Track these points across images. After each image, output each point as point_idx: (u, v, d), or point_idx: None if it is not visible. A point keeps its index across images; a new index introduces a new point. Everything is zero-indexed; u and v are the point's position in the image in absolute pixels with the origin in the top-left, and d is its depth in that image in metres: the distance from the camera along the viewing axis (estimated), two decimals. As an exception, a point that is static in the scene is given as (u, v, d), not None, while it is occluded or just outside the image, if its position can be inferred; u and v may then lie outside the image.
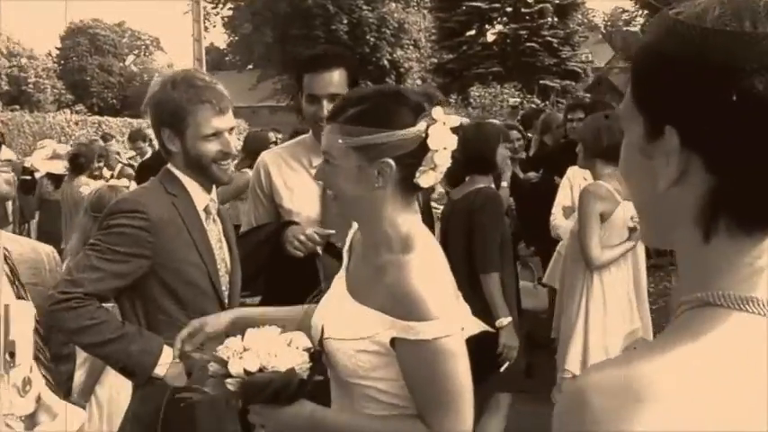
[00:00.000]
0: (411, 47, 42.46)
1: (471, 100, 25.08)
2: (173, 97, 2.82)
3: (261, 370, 1.94)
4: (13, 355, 1.32)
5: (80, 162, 8.39)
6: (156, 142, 11.25)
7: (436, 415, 1.96)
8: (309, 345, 2.03)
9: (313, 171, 3.44)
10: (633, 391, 0.83)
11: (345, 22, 38.50)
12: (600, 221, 4.29)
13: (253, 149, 7.02)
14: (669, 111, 0.94)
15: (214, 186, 3.00)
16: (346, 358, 2.00)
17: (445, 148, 2.00)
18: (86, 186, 7.24)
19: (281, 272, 3.29)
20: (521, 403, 4.63)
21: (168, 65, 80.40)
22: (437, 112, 2.00)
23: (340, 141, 2.00)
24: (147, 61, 77.46)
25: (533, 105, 19.93)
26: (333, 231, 3.23)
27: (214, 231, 2.98)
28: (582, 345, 4.38)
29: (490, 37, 40.63)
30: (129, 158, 11.61)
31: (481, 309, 4.34)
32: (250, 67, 51.06)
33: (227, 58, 65.14)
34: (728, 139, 0.89)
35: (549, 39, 38.64)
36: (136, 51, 77.97)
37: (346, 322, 2.04)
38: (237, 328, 2.29)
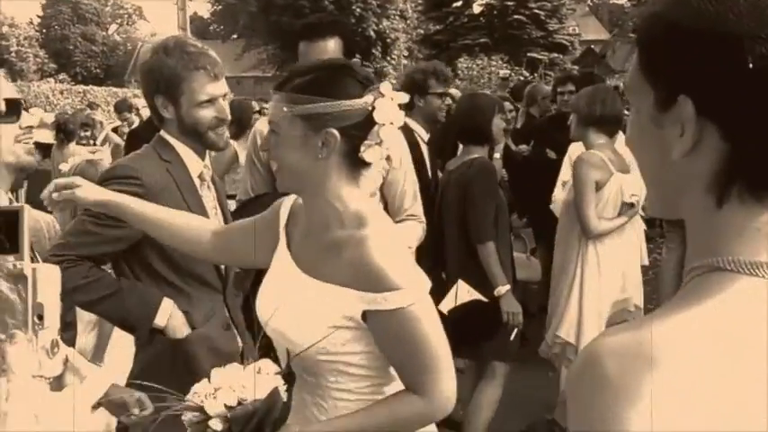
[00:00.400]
0: (397, 17, 42.24)
1: (459, 72, 24.95)
2: (166, 64, 2.78)
3: (240, 403, 1.93)
4: (41, 317, 1.33)
5: (67, 130, 8.35)
6: (142, 112, 11.15)
7: (421, 379, 2.00)
8: (278, 369, 2.02)
9: None
10: (644, 355, 0.84)
11: (332, -9, 38.23)
12: (594, 190, 4.32)
13: (236, 118, 6.97)
14: (682, 80, 0.94)
15: (207, 153, 2.98)
16: (317, 336, 1.99)
17: (392, 123, 2.01)
18: (75, 157, 7.20)
19: None
20: (513, 372, 4.67)
21: (152, 34, 79.63)
22: (385, 86, 2.01)
23: (285, 110, 2.00)
24: (130, 30, 76.77)
25: (521, 78, 19.86)
26: None
27: (209, 198, 2.96)
28: (577, 313, 4.42)
29: (477, 8, 40.49)
30: (114, 129, 11.52)
31: (477, 279, 4.37)
32: (234, 36, 50.75)
33: (211, 28, 64.64)
34: (745, 106, 0.89)
35: (537, 11, 38.57)
36: (119, 20, 77.18)
37: (308, 300, 2.04)
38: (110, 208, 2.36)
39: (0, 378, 0.82)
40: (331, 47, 3.33)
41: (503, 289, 4.35)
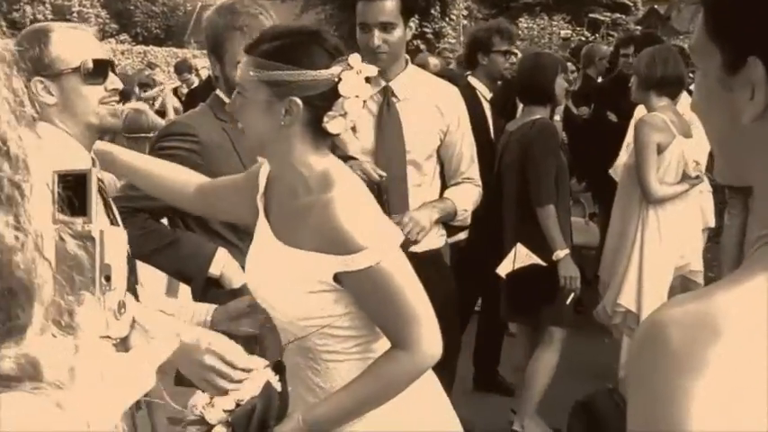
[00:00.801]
0: (457, -24, 41.72)
1: (519, 32, 24.64)
2: (215, 23, 2.83)
3: (238, 405, 1.96)
4: (108, 278, 1.36)
5: (124, 91, 8.45)
6: (201, 72, 11.24)
7: (402, 332, 2.03)
8: (266, 362, 2.04)
9: (368, 102, 3.46)
10: (709, 324, 0.82)
11: (391, -50, 37.91)
12: (656, 152, 4.24)
13: None
14: (751, 41, 0.90)
15: None
16: (298, 302, 2.05)
17: (357, 96, 2.02)
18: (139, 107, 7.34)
19: None
20: (568, 338, 4.64)
21: (212, -6, 79.88)
22: (354, 59, 2.02)
23: (252, 73, 2.01)
24: (190, -9, 77.04)
25: (582, 38, 19.54)
26: (384, 174, 3.26)
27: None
28: (637, 280, 4.36)
29: (538, -34, 39.77)
30: (174, 90, 11.62)
31: (535, 243, 4.33)
32: (294, -4, 50.60)
33: (270, -12, 64.54)
34: None
35: (599, -31, 37.76)
36: (180, -20, 77.53)
37: (284, 269, 2.09)
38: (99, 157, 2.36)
39: (68, 336, 0.84)
40: (387, 6, 3.31)
41: (561, 253, 4.30)
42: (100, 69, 2.28)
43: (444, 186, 3.60)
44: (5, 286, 0.78)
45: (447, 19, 40.94)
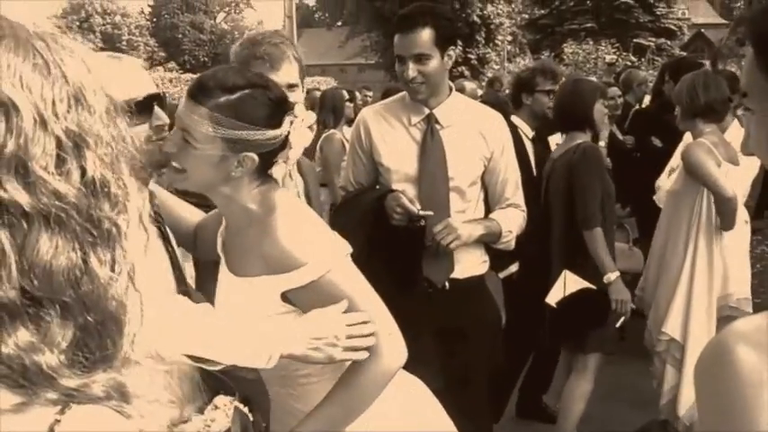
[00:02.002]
0: (502, 2, 41.78)
1: (564, 56, 24.63)
2: (239, 54, 2.84)
3: None
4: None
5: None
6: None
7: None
8: (231, 398, 2.01)
9: (412, 129, 3.45)
10: None
11: (436, -23, 38.11)
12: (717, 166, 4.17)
13: (331, 107, 7.05)
14: None
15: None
16: None
17: (301, 145, 2.09)
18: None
19: (386, 240, 3.28)
20: (610, 365, 4.60)
21: (258, 22, 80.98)
22: (299, 109, 2.07)
23: (211, 130, 1.96)
24: (237, 19, 78.17)
25: (628, 63, 19.46)
26: (430, 213, 3.26)
27: (290, 190, 2.92)
28: (684, 308, 4.27)
29: (583, -8, 39.77)
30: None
31: (585, 269, 4.29)
32: (339, 24, 51.16)
33: (316, 15, 65.39)
34: None
35: (645, -6, 37.65)
36: (226, 9, 78.71)
37: (240, 299, 2.11)
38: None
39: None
40: (421, 38, 3.30)
41: (612, 276, 4.23)
42: (145, 108, 2.19)
43: (489, 213, 3.59)
44: (99, 318, 0.82)
45: (491, 45, 41.05)
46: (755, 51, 0.96)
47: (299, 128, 2.08)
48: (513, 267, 4.78)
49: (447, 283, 3.39)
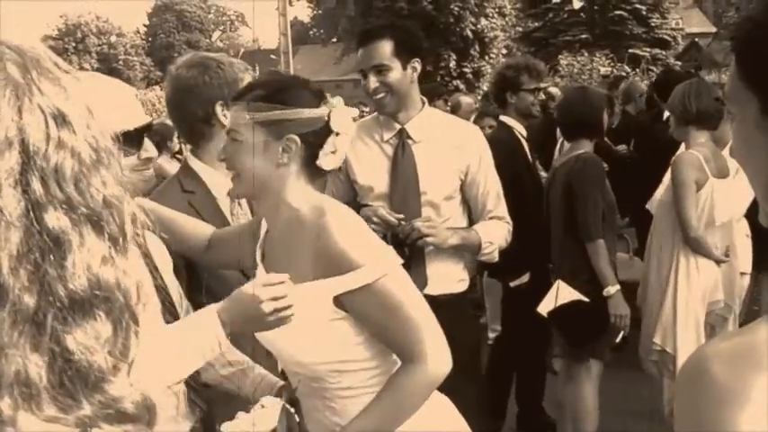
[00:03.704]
0: (496, 15, 41.89)
1: (560, 68, 24.71)
2: (226, 69, 2.81)
3: None
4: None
5: (156, 141, 8.30)
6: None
7: (409, 346, 2.04)
8: (279, 400, 2.05)
9: (384, 146, 3.44)
10: (754, 358, 0.83)
11: (429, -8, 38.20)
12: (695, 191, 4.18)
13: None
14: None
15: None
16: (307, 340, 2.06)
17: (347, 134, 2.10)
18: (164, 166, 7.27)
19: None
20: (610, 373, 4.59)
21: (253, 40, 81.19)
22: (337, 101, 2.11)
23: (247, 117, 2.05)
24: (233, 37, 78.48)
25: (623, 74, 19.54)
26: (401, 216, 3.27)
27: (242, 213, 2.90)
28: (671, 319, 4.24)
29: (577, 4, 39.89)
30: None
31: (583, 278, 4.28)
32: (334, 40, 51.22)
33: (311, 32, 65.48)
34: None
35: (638, 6, 37.83)
36: (222, 27, 79.00)
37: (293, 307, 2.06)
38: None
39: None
40: (380, 50, 3.32)
41: (612, 289, 4.23)
42: (133, 139, 2.24)
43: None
44: (130, 323, 0.86)
45: (486, 58, 41.14)
46: (736, 59, 0.97)
47: (341, 114, 2.09)
48: (525, 278, 4.78)
49: None
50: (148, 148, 2.30)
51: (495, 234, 3.48)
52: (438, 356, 2.06)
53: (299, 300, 2.01)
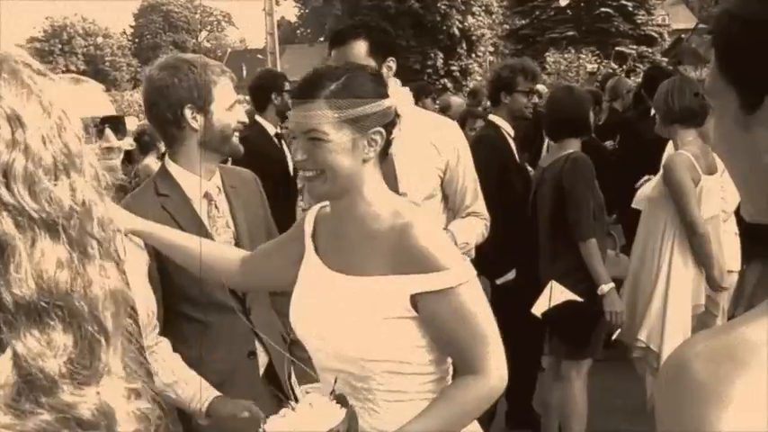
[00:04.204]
0: (482, 13, 41.94)
1: (546, 66, 24.73)
2: (196, 73, 2.75)
3: None
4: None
5: (145, 141, 8.26)
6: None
7: (475, 356, 2.01)
8: (327, 397, 1.96)
9: None
10: (735, 357, 0.82)
11: (416, -10, 38.18)
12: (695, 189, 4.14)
13: None
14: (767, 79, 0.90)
15: (217, 171, 2.91)
16: (368, 335, 2.00)
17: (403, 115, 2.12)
18: (151, 166, 7.24)
19: None
20: (598, 369, 4.60)
21: (240, 40, 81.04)
22: (393, 82, 2.11)
23: (335, 115, 1.98)
24: (219, 37, 78.30)
25: (610, 71, 19.59)
26: None
27: (218, 216, 2.88)
28: (660, 317, 4.22)
29: (563, 1, 39.99)
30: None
31: (574, 277, 4.29)
32: (321, 39, 51.16)
33: (298, 32, 65.44)
34: None
35: (624, 2, 37.93)
36: (208, 27, 78.80)
37: (353, 299, 2.04)
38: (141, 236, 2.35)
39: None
40: (352, 50, 3.26)
41: (606, 287, 4.22)
42: (96, 127, 2.25)
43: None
44: (94, 331, 0.83)
45: (473, 56, 41.18)
46: (716, 53, 0.97)
47: (398, 100, 2.09)
48: (511, 275, 4.78)
49: None
50: (110, 138, 2.30)
51: (471, 233, 3.45)
52: (500, 372, 2.03)
53: (374, 292, 1.99)
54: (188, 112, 2.76)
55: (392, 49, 3.39)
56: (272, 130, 5.99)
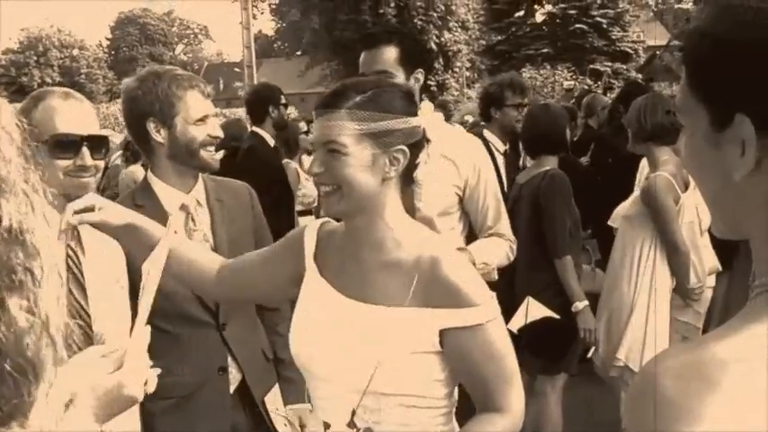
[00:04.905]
0: (459, 29, 42.02)
1: (521, 82, 24.87)
2: (160, 86, 2.73)
3: None
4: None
5: (134, 150, 8.42)
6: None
7: (500, 395, 1.97)
8: (346, 423, 1.93)
9: None
10: (705, 374, 0.82)
11: (393, 5, 38.19)
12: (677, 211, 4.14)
13: (285, 139, 6.99)
14: (737, 98, 0.90)
15: (200, 180, 2.89)
16: (387, 367, 1.89)
17: (433, 141, 2.04)
18: (136, 174, 7.29)
19: None
20: (572, 386, 4.61)
21: (217, 53, 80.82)
22: (426, 105, 2.02)
23: (357, 127, 1.88)
24: (196, 50, 78.05)
25: (585, 87, 19.70)
26: None
27: (195, 230, 2.85)
28: (641, 335, 4.18)
29: (539, 17, 40.25)
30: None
31: (549, 294, 4.29)
32: (298, 53, 51.13)
33: (275, 45, 65.31)
34: None
35: (599, 19, 38.16)
36: (185, 40, 78.55)
37: (374, 329, 1.94)
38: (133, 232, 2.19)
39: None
40: (383, 55, 3.16)
41: (580, 305, 4.24)
42: (69, 146, 2.26)
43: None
44: (16, 366, 0.80)
45: (450, 71, 41.25)
46: (686, 71, 0.97)
47: (428, 124, 2.01)
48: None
49: None
50: (85, 156, 2.28)
51: (491, 253, 3.28)
52: (519, 412, 2.00)
53: (401, 325, 1.91)
54: (151, 125, 2.75)
55: (422, 60, 3.30)
56: (271, 141, 6.03)
